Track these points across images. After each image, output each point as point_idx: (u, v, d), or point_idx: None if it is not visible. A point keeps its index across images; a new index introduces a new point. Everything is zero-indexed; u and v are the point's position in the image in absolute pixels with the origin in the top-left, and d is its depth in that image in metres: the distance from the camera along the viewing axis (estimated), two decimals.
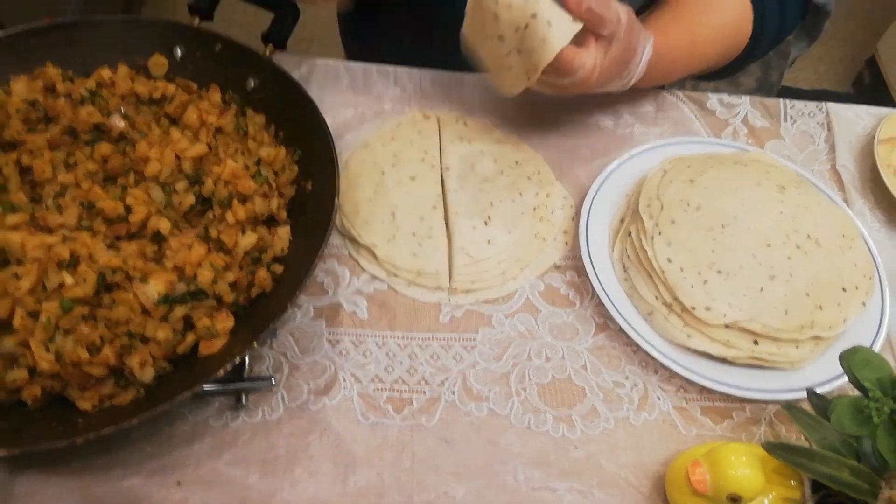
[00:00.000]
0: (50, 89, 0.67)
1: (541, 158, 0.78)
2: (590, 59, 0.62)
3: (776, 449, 0.52)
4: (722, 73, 0.84)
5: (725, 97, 0.86)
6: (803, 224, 0.69)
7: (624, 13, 0.63)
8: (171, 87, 0.68)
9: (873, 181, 0.80)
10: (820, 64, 2.33)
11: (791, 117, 0.85)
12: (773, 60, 0.99)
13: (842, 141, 0.83)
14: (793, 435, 0.64)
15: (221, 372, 0.52)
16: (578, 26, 0.61)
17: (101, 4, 1.93)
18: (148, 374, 0.54)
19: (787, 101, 0.86)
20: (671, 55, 0.73)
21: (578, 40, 0.62)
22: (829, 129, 0.85)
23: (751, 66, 0.85)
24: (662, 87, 0.86)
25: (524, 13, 0.61)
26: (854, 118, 0.86)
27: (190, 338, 0.56)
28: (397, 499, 0.57)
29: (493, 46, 0.65)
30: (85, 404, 0.53)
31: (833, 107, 0.86)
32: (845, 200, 0.79)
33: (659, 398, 0.65)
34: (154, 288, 0.54)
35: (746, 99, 0.86)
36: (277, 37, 0.73)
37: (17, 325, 0.53)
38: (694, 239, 0.67)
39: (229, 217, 0.60)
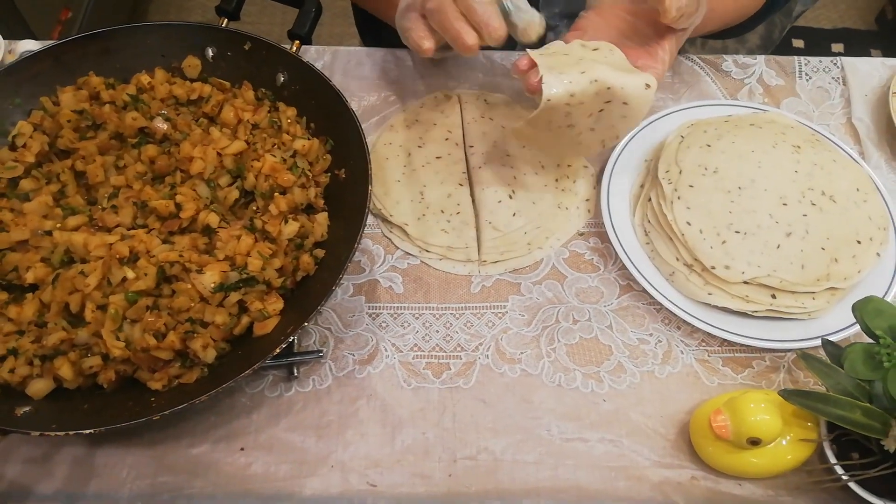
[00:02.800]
0: (94, 97, 0.71)
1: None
2: (661, 69, 0.66)
3: (793, 395, 0.56)
4: (744, 27, 0.85)
5: (740, 58, 0.87)
6: (818, 182, 0.71)
7: None
8: (206, 88, 0.72)
9: (889, 133, 0.81)
10: (841, 1, 2.28)
11: (806, 74, 0.86)
12: (778, 17, 0.99)
13: (857, 94, 0.84)
14: (810, 380, 0.67)
15: (277, 350, 0.57)
16: (650, 79, 0.63)
17: (111, 2, 1.97)
18: (210, 355, 0.59)
19: (802, 57, 0.87)
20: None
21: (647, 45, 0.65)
22: (845, 83, 0.86)
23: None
24: (685, 54, 0.87)
25: (597, 103, 0.63)
26: (869, 71, 0.86)
27: (245, 320, 0.61)
28: (442, 454, 0.63)
29: (561, 133, 0.67)
30: (155, 384, 0.59)
31: (848, 61, 0.87)
32: (861, 154, 0.80)
33: (682, 352, 0.68)
34: (209, 278, 0.59)
35: (761, 58, 0.87)
36: (303, 32, 0.76)
37: (88, 318, 0.59)
38: (712, 202, 0.70)
39: (272, 208, 0.64)
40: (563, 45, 0.66)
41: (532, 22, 0.65)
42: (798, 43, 2.19)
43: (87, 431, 0.55)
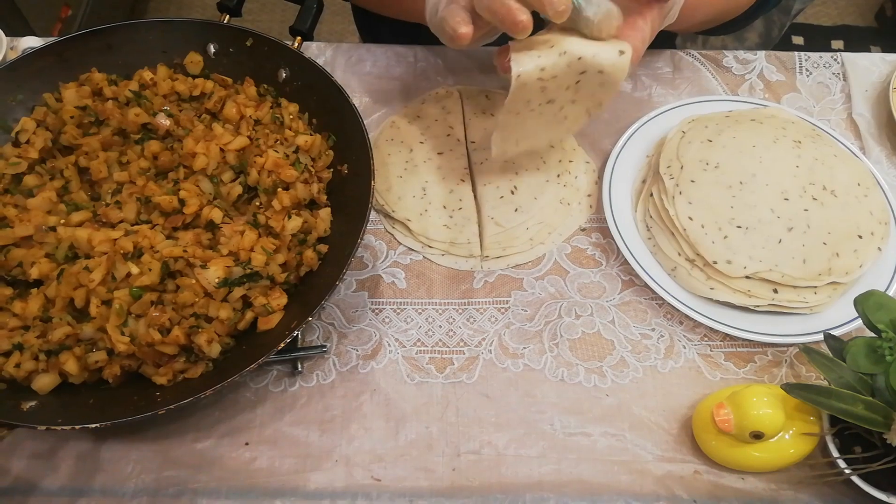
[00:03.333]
0: (97, 94, 0.72)
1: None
2: (640, 38, 0.63)
3: (795, 389, 0.56)
4: (739, 22, 0.85)
5: (741, 54, 0.87)
6: (819, 176, 0.71)
7: None
8: (209, 84, 0.72)
9: (889, 128, 0.82)
10: None
11: (806, 69, 0.87)
12: (776, 14, 0.99)
13: (857, 90, 0.84)
14: (813, 374, 0.67)
15: (282, 345, 0.57)
16: (623, 46, 0.60)
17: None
18: (215, 350, 0.60)
19: (802, 53, 0.87)
20: None
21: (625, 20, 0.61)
22: (845, 78, 0.86)
23: (755, 22, 0.86)
24: (677, 48, 0.87)
25: (571, 75, 0.61)
26: (869, 66, 0.87)
27: (249, 315, 0.61)
28: (446, 449, 0.63)
29: (543, 112, 0.65)
30: (160, 379, 0.59)
31: (848, 56, 0.87)
32: (862, 149, 0.81)
33: (684, 347, 0.69)
34: (214, 273, 0.60)
35: (761, 54, 0.87)
36: (304, 28, 0.76)
37: (93, 313, 0.59)
38: (714, 197, 0.70)
39: (275, 204, 0.64)
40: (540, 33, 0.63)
41: (609, 13, 0.60)
42: (798, 40, 2.19)
43: (93, 426, 0.55)
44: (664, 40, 0.85)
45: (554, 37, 0.61)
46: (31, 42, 0.82)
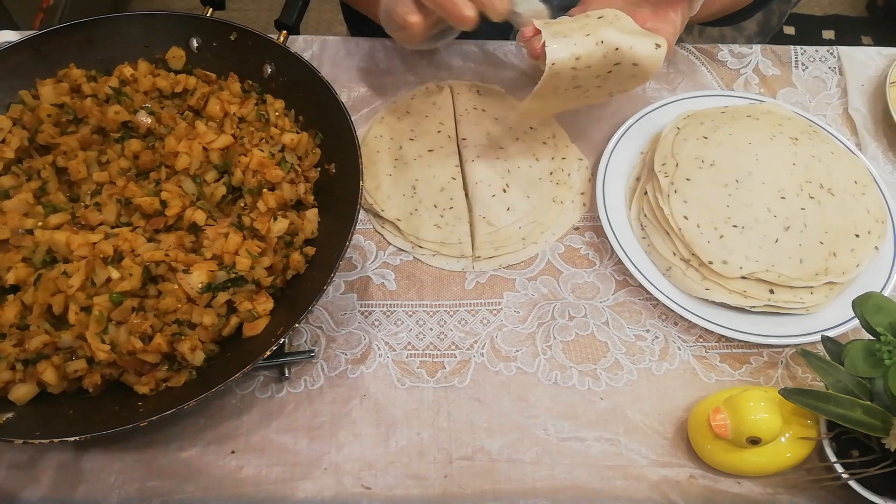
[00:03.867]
0: (76, 90, 0.69)
1: (555, 122, 0.79)
2: (672, 30, 0.63)
3: (793, 394, 0.55)
4: (743, 14, 0.83)
5: (736, 47, 0.86)
6: (816, 174, 0.70)
7: None
8: (191, 80, 0.70)
9: (886, 123, 0.81)
10: None
11: (802, 63, 0.85)
12: (776, 3, 0.98)
13: (854, 84, 0.83)
14: (809, 376, 0.66)
15: (268, 352, 0.55)
16: (658, 39, 0.61)
17: None
18: (198, 358, 0.58)
19: (798, 47, 0.86)
20: None
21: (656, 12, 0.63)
22: (841, 72, 0.85)
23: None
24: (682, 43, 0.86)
25: (605, 65, 0.61)
26: (866, 60, 0.85)
27: (234, 321, 0.60)
28: (437, 455, 0.62)
29: (568, 97, 0.65)
30: (143, 388, 0.57)
31: (844, 50, 0.86)
32: (858, 145, 0.80)
33: (679, 348, 0.68)
34: (197, 278, 0.58)
35: (757, 48, 0.86)
36: (290, 21, 0.74)
37: (72, 320, 0.57)
38: (709, 195, 0.69)
39: (260, 205, 0.63)
40: (568, 19, 0.64)
41: (538, 11, 0.63)
42: (789, 30, 2.19)
43: (73, 439, 0.53)
44: None
45: (590, 22, 0.61)
46: (8, 36, 0.79)
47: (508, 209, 0.72)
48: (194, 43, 0.73)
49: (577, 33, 0.60)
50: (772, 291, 0.66)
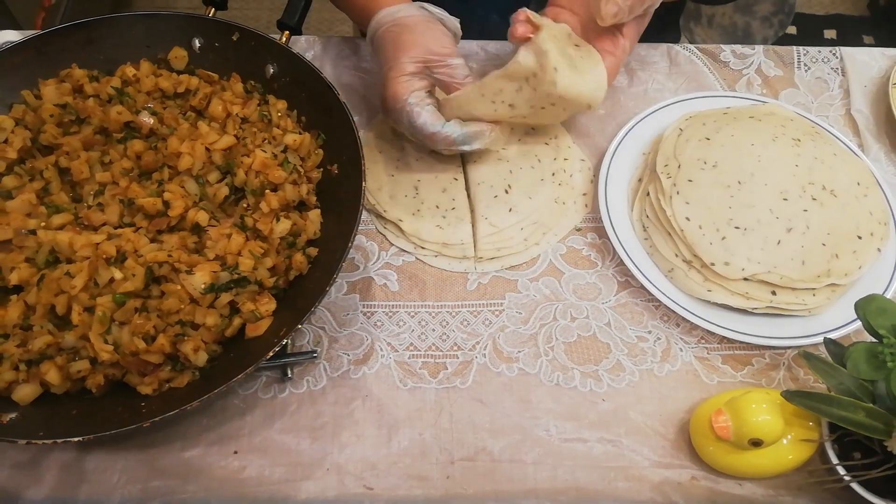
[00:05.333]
0: (78, 90, 0.69)
1: (557, 123, 0.79)
2: (623, 49, 0.67)
3: (795, 396, 0.55)
4: None
5: (738, 48, 0.86)
6: (819, 176, 0.70)
7: None
8: (194, 80, 0.70)
9: (888, 125, 0.81)
10: None
11: (805, 64, 0.85)
12: None
13: (856, 85, 0.83)
14: (811, 378, 0.66)
15: (271, 353, 0.55)
16: (598, 87, 0.65)
17: None
18: (201, 359, 0.58)
19: (801, 48, 0.86)
20: None
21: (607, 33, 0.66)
22: (844, 73, 0.85)
23: None
24: (674, 42, 0.86)
25: (547, 100, 0.64)
26: (868, 61, 0.85)
27: (236, 321, 0.60)
28: (439, 456, 0.62)
29: (494, 110, 0.67)
30: (146, 389, 0.58)
31: (847, 51, 0.86)
32: (860, 146, 0.80)
33: (681, 350, 0.68)
34: (200, 278, 0.58)
35: (759, 48, 0.86)
36: (292, 22, 0.74)
37: (75, 321, 0.57)
38: (711, 197, 0.69)
39: (263, 206, 0.63)
40: (553, 24, 0.65)
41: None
42: (791, 29, 2.18)
43: (76, 439, 0.53)
44: (665, 34, 0.83)
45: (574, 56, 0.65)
46: (10, 36, 0.79)
47: (510, 210, 0.72)
48: (197, 43, 0.73)
49: (563, 62, 0.63)
50: (774, 293, 0.66)
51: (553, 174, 0.75)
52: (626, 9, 0.62)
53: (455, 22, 0.71)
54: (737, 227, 0.67)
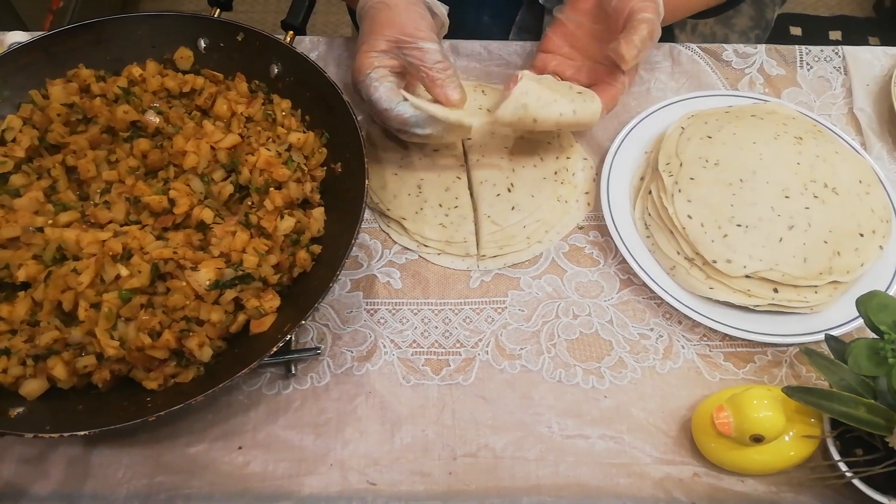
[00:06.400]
0: (85, 90, 0.70)
1: None
2: (622, 84, 0.71)
3: (796, 392, 0.55)
4: (724, 6, 0.84)
5: (740, 47, 0.86)
6: (821, 174, 0.70)
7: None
8: (199, 80, 0.71)
9: (891, 123, 0.81)
10: None
11: (807, 63, 0.85)
12: None
13: (858, 84, 0.83)
14: (812, 374, 0.67)
15: (274, 349, 0.56)
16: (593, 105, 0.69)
17: None
18: (206, 354, 0.58)
19: (803, 46, 0.86)
20: None
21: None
22: (846, 72, 0.85)
23: (741, 5, 0.85)
24: (676, 42, 0.86)
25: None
26: (871, 60, 0.85)
27: (241, 318, 0.60)
28: (442, 452, 0.62)
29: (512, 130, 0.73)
30: (151, 384, 0.58)
31: (849, 50, 0.86)
32: (863, 145, 0.80)
33: (683, 347, 0.68)
34: (205, 275, 0.58)
35: (762, 47, 0.86)
36: (296, 22, 0.75)
37: (82, 317, 0.58)
38: (713, 195, 0.69)
39: (267, 204, 0.63)
40: (553, 82, 0.71)
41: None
42: (796, 30, 2.18)
43: (82, 433, 0.54)
44: (663, 32, 0.84)
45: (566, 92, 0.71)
46: (18, 37, 0.80)
47: (513, 208, 0.73)
48: (202, 43, 0.74)
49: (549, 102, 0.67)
50: (776, 290, 0.66)
51: (555, 173, 0.76)
52: (643, 48, 0.66)
53: (443, 9, 0.72)
54: (738, 225, 0.67)
